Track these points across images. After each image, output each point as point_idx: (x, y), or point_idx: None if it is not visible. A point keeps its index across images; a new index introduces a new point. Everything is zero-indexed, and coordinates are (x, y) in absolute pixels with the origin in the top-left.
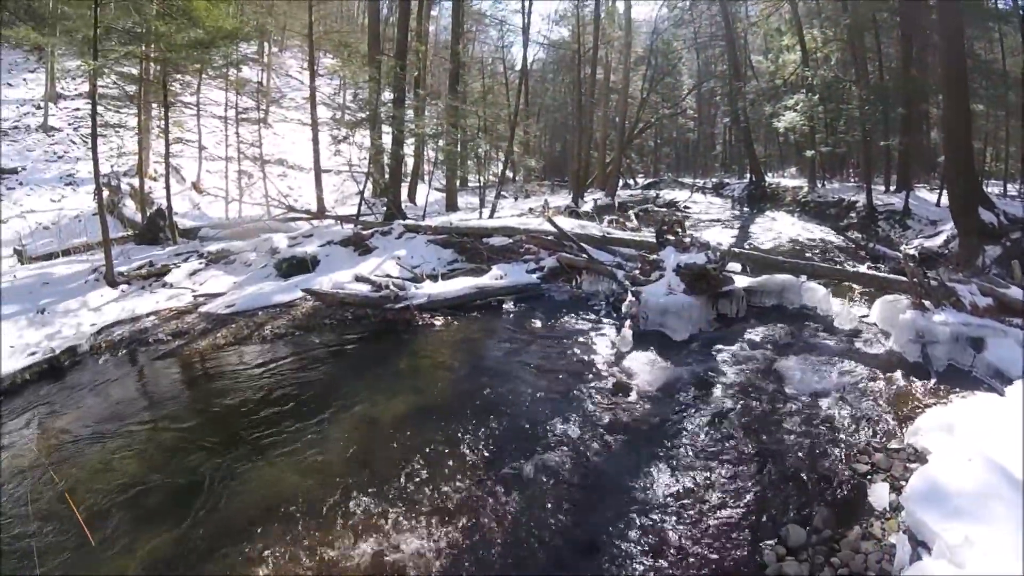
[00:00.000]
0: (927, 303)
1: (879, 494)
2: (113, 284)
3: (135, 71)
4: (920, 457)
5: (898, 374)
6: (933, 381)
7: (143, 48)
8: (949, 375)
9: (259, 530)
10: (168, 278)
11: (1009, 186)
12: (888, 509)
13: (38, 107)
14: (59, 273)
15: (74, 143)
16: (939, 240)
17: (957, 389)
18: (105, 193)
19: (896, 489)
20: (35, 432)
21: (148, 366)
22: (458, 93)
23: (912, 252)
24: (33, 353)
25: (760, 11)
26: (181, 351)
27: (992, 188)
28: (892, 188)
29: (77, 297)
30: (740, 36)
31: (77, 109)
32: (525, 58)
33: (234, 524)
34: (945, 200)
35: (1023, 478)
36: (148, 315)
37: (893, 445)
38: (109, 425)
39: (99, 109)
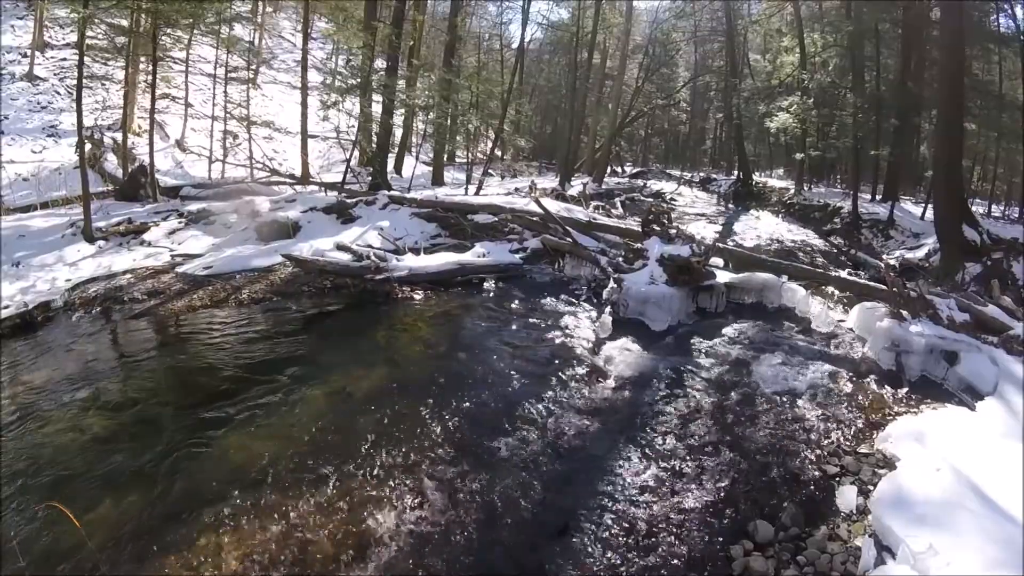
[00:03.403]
0: (905, 313)
1: (847, 497)
2: (91, 240)
3: (125, 22)
4: (889, 463)
5: (871, 380)
6: (905, 390)
7: None
8: (921, 385)
9: (227, 497)
10: (146, 236)
11: (994, 207)
12: (855, 512)
13: (24, 55)
14: (36, 226)
15: (59, 94)
16: (921, 253)
17: (928, 400)
18: (87, 146)
19: (864, 493)
20: (5, 389)
21: (122, 325)
22: (452, 67)
23: (893, 262)
24: (6, 307)
25: (762, 10)
26: (156, 311)
27: (977, 207)
28: (878, 197)
29: (53, 252)
30: (740, 33)
31: (64, 59)
32: (523, 37)
33: (202, 490)
34: (930, 214)
35: (989, 491)
36: (124, 273)
37: (863, 449)
38: (80, 385)
39: (86, 60)
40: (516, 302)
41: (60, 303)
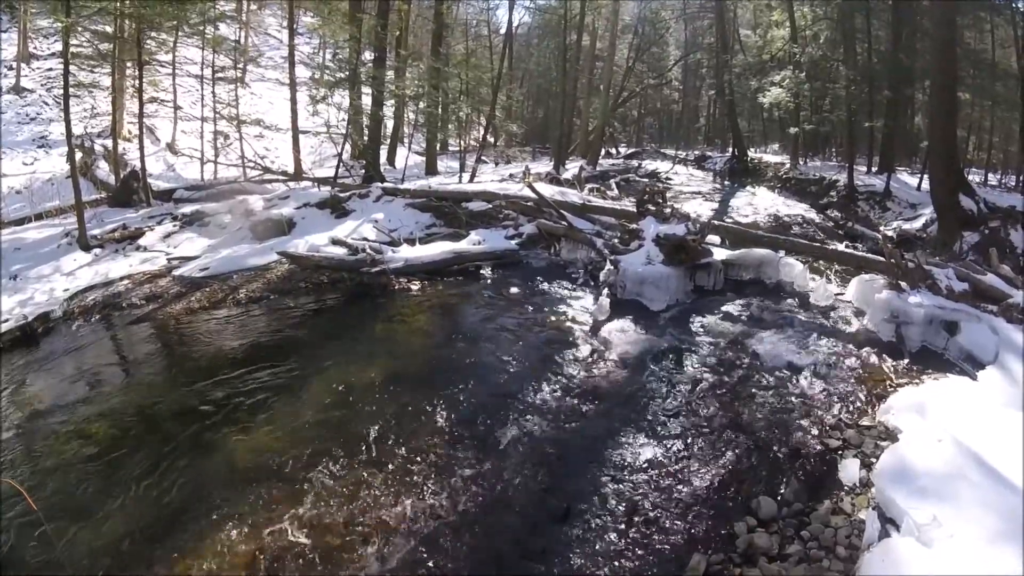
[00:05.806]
0: (903, 284)
1: (850, 470)
2: (86, 248)
3: (109, 29)
4: (891, 435)
5: (871, 353)
6: (906, 361)
7: (117, 4)
8: (922, 356)
9: (231, 495)
10: (142, 241)
11: (990, 175)
12: (858, 485)
13: (10, 68)
14: (31, 238)
15: (47, 104)
16: (918, 223)
17: (929, 371)
18: (78, 155)
19: (866, 466)
20: (9, 401)
21: (122, 331)
22: (441, 55)
23: (891, 233)
24: (5, 321)
25: None
26: (155, 315)
27: (973, 176)
28: (874, 169)
29: (50, 262)
30: (729, 9)
31: (50, 69)
32: (510, 21)
33: (206, 489)
34: (926, 184)
35: (991, 461)
36: (121, 279)
37: (864, 422)
38: (83, 392)
39: (72, 69)
40: (514, 288)
41: (59, 313)
